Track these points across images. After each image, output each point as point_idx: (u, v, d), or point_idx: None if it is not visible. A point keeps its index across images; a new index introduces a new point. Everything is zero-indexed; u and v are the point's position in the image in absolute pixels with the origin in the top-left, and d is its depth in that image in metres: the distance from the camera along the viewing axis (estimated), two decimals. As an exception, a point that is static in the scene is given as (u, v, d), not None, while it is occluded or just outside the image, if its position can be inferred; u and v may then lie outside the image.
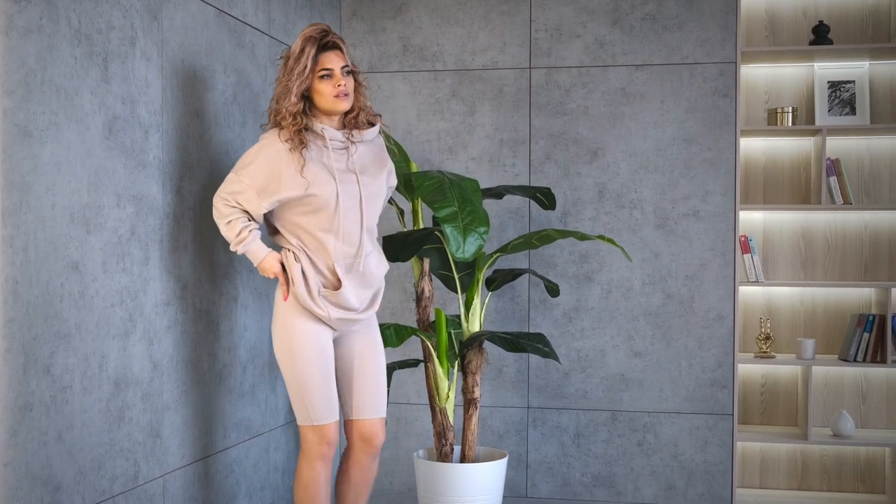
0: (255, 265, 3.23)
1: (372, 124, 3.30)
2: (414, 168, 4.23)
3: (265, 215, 3.23)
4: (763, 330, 4.72)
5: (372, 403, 3.33)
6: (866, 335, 4.57)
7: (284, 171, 3.10)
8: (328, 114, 3.19)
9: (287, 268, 3.17)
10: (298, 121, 3.11)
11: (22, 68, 2.59)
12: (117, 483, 3.05)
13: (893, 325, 4.55)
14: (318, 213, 3.14)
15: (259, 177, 3.12)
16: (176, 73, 3.38)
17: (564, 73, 4.78)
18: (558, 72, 4.78)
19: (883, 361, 4.56)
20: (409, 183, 4.08)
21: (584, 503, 4.76)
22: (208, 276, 3.62)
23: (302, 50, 3.09)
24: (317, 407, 3.20)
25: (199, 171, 3.53)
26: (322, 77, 3.11)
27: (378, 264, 3.31)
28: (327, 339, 3.24)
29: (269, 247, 3.26)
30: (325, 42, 3.13)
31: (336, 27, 4.89)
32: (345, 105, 3.15)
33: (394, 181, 3.50)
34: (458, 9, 4.86)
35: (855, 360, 4.59)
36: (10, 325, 2.56)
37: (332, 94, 3.11)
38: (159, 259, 3.28)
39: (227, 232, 3.17)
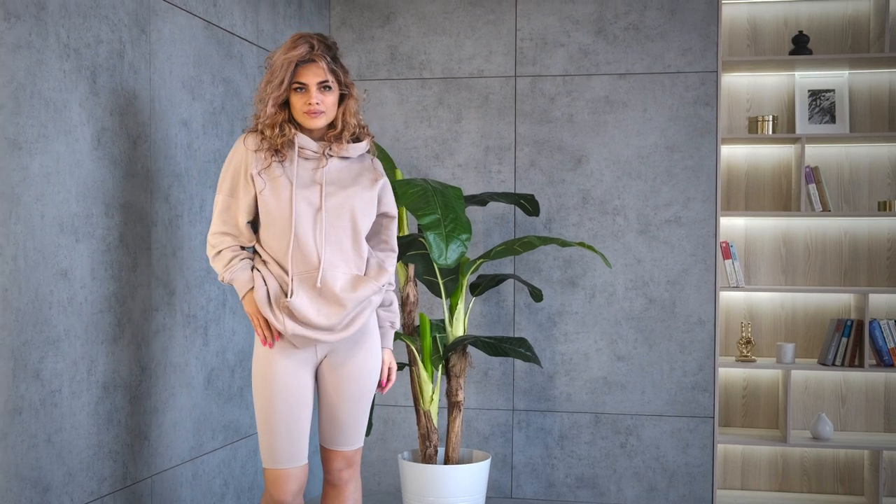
0: (240, 298, 3.04)
1: (358, 140, 3.07)
2: (399, 175, 4.32)
3: None
4: (744, 334, 4.80)
5: (337, 436, 3.06)
6: (845, 340, 4.65)
7: (245, 171, 2.96)
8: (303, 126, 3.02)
9: (256, 278, 2.97)
10: (287, 131, 2.93)
11: (12, 83, 2.68)
12: (105, 484, 3.14)
13: (871, 330, 4.64)
14: (276, 222, 2.94)
15: (232, 182, 3.00)
16: (164, 84, 3.46)
17: (549, 82, 4.86)
18: (543, 80, 4.87)
19: (861, 366, 4.65)
20: (393, 191, 4.16)
21: (567, 504, 4.85)
22: (196, 281, 3.71)
23: (282, 65, 2.90)
24: (267, 447, 2.97)
25: (187, 180, 3.62)
26: (296, 90, 2.93)
27: (348, 285, 2.95)
28: (301, 377, 2.97)
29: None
30: (304, 57, 2.92)
31: (325, 36, 4.97)
32: (315, 123, 2.94)
33: (386, 207, 3.15)
34: (444, 18, 4.95)
35: (834, 365, 4.67)
36: (-1, 331, 2.65)
37: (301, 109, 2.93)
38: (147, 266, 3.37)
39: (216, 264, 3.01)
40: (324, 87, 2.93)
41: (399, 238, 4.14)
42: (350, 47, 5.04)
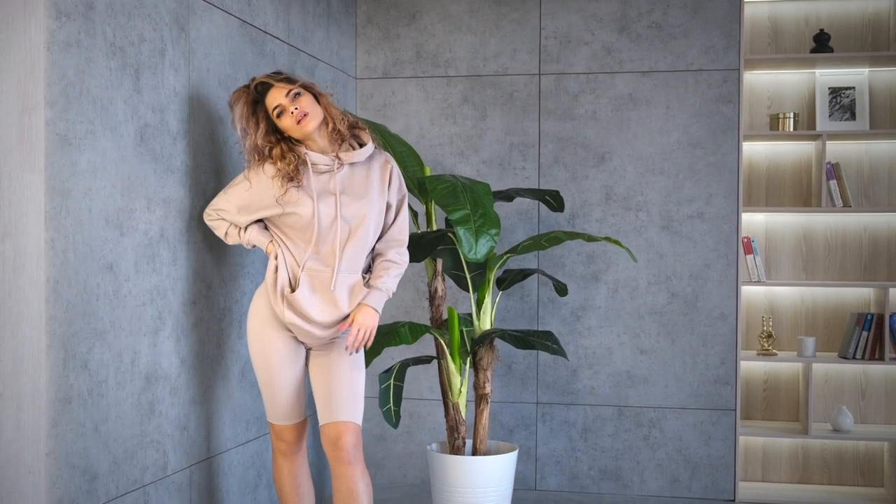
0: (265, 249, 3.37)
1: (361, 143, 3.35)
2: (427, 172, 4.38)
3: None
4: (765, 328, 4.87)
5: (334, 407, 3.26)
6: (865, 334, 4.72)
7: (265, 194, 3.24)
8: (306, 140, 3.27)
9: (270, 261, 3.30)
10: (291, 158, 3.21)
11: (62, 80, 2.75)
12: (148, 473, 3.21)
13: (891, 323, 4.70)
14: (298, 227, 3.24)
15: (242, 197, 3.29)
16: (202, 82, 3.53)
17: (573, 79, 4.93)
18: (567, 78, 4.93)
19: (881, 359, 4.71)
20: (422, 186, 4.24)
21: (591, 496, 4.91)
22: (231, 275, 3.78)
23: (238, 116, 3.25)
24: (270, 407, 3.37)
25: (224, 176, 3.69)
26: (278, 116, 3.22)
27: (349, 290, 3.28)
28: (290, 348, 3.31)
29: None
30: (256, 89, 3.25)
31: (351, 34, 5.05)
32: (311, 124, 3.21)
33: (395, 197, 3.41)
34: (470, 17, 5.02)
35: (854, 358, 4.73)
36: (51, 322, 2.72)
37: (293, 123, 3.20)
38: (186, 259, 3.44)
39: (231, 241, 3.39)
40: (294, 95, 3.22)
41: (428, 233, 4.21)
42: (376, 45, 5.11)
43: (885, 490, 4.87)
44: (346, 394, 3.28)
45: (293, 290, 3.23)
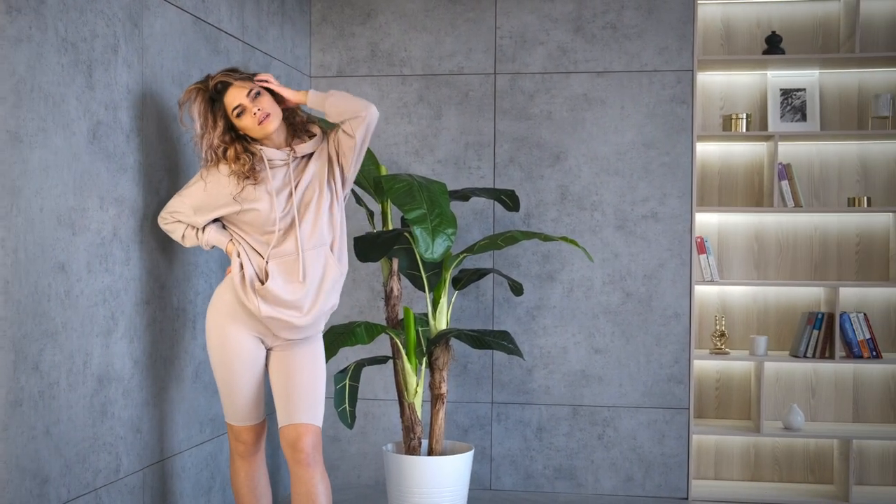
0: (224, 249, 3.35)
1: (311, 135, 3.36)
2: (383, 171, 4.36)
3: None
4: (718, 327, 4.91)
5: (294, 408, 3.25)
6: (816, 332, 4.78)
7: (222, 192, 3.23)
8: (264, 139, 3.27)
9: (234, 259, 3.28)
10: (246, 158, 3.20)
11: (13, 76, 2.69)
12: (100, 476, 3.16)
13: (841, 322, 4.76)
14: (257, 224, 3.24)
15: (197, 198, 3.26)
16: (155, 79, 3.48)
17: (528, 79, 4.94)
18: (522, 77, 4.94)
19: (831, 357, 4.78)
20: (378, 185, 4.21)
21: (546, 495, 4.92)
22: (185, 275, 3.73)
23: (196, 112, 3.20)
24: (228, 407, 3.34)
25: (177, 173, 3.64)
26: (238, 116, 3.20)
27: (318, 269, 3.28)
28: (251, 346, 3.29)
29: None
30: (215, 88, 3.22)
31: (306, 32, 5.01)
32: (272, 124, 3.21)
33: (333, 149, 3.38)
34: (425, 15, 5.00)
35: (805, 357, 4.80)
36: (0, 323, 2.66)
37: (255, 124, 3.19)
38: (139, 259, 3.39)
39: (188, 243, 3.36)
40: (254, 95, 3.21)
41: (383, 233, 4.19)
42: (331, 44, 5.07)
43: (834, 487, 4.94)
44: (307, 395, 3.26)
45: (263, 283, 3.22)
